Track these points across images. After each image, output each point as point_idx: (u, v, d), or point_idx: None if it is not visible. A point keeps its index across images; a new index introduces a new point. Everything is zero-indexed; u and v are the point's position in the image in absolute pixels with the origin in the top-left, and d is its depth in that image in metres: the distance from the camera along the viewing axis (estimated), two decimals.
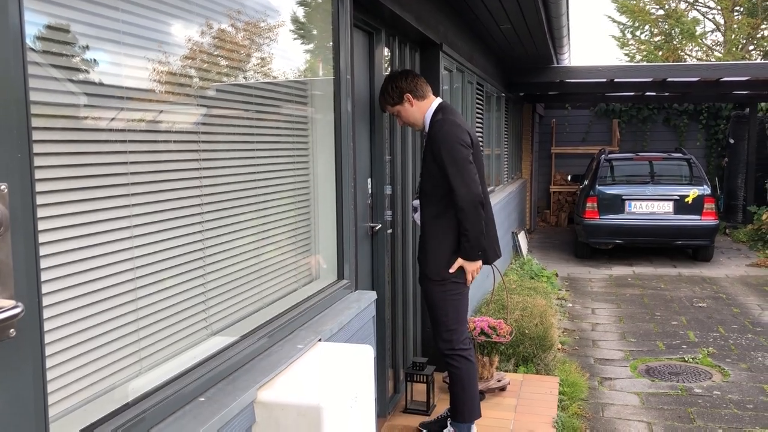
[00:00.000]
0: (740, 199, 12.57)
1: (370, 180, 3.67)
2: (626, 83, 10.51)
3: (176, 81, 1.78)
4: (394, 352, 4.11)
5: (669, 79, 10.11)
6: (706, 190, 9.20)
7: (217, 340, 1.95)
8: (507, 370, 4.75)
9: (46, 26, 1.34)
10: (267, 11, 2.31)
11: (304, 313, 2.42)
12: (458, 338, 3.41)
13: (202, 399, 1.73)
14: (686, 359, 5.45)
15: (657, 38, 19.92)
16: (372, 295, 2.97)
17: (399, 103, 3.44)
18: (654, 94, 11.92)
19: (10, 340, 1.11)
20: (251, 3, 2.18)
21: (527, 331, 4.94)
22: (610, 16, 26.18)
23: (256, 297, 2.23)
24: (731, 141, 12.87)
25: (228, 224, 2.03)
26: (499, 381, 4.36)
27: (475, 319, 4.42)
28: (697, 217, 9.10)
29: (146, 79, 1.65)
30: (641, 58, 20.06)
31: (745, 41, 18.71)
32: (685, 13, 19.40)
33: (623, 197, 9.33)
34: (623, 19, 20.19)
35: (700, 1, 19.62)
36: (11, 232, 1.11)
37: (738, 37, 18.51)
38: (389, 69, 3.95)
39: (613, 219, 9.29)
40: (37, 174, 1.25)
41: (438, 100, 3.48)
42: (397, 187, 4.05)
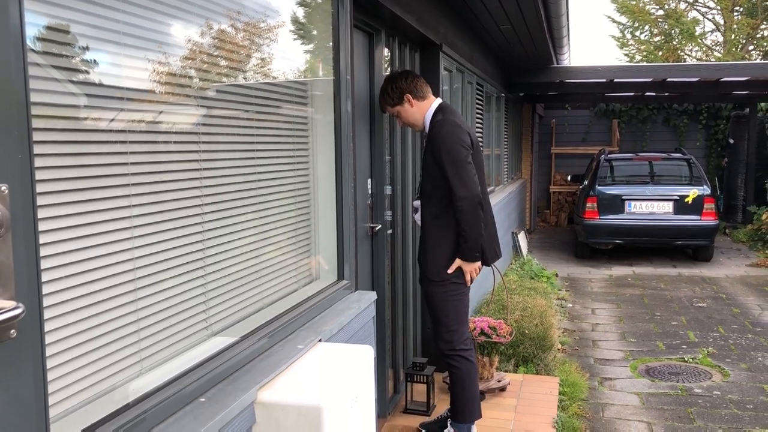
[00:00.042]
0: (740, 199, 12.58)
1: (370, 180, 3.67)
2: (626, 83, 10.51)
3: (176, 81, 1.78)
4: (394, 353, 4.11)
5: (669, 80, 10.11)
6: (705, 190, 9.21)
7: (217, 341, 1.95)
8: (507, 371, 4.75)
9: (47, 27, 1.34)
10: (267, 12, 2.31)
11: (305, 314, 2.42)
12: (459, 339, 3.41)
13: (203, 399, 1.74)
14: (686, 359, 5.45)
15: (657, 38, 19.93)
16: (372, 296, 2.97)
17: (399, 103, 3.44)
18: (654, 94, 11.92)
19: (10, 341, 1.11)
20: (251, 3, 2.18)
21: (527, 332, 4.94)
22: (609, 17, 26.24)
23: (257, 297, 2.23)
24: (731, 141, 12.87)
25: (228, 224, 2.03)
26: (499, 381, 4.36)
27: (475, 319, 4.42)
28: (697, 217, 9.10)
29: (146, 79, 1.66)
30: (641, 58, 20.07)
31: (744, 41, 18.72)
32: (685, 13, 19.41)
33: (623, 197, 9.34)
34: (623, 20, 20.21)
35: (700, 1, 19.64)
36: (12, 232, 1.11)
37: (738, 37, 18.52)
38: (389, 69, 3.95)
39: (613, 219, 9.30)
40: (38, 175, 1.26)
41: (438, 101, 3.48)
42: (397, 187, 4.05)
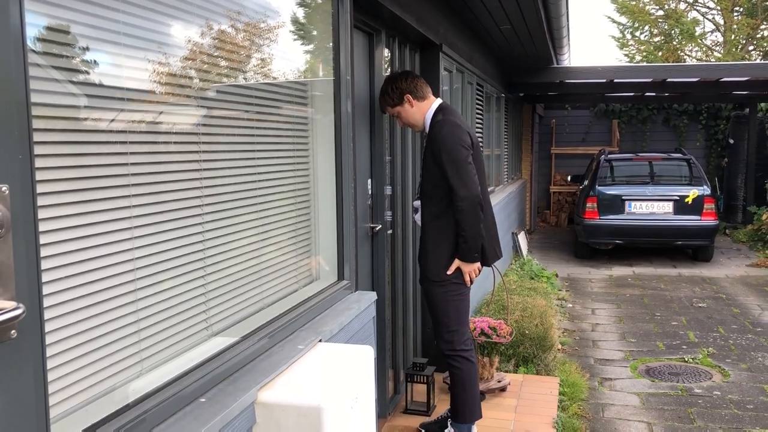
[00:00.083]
0: (740, 200, 12.57)
1: (370, 181, 3.67)
2: (626, 84, 10.51)
3: (176, 82, 1.78)
4: (395, 353, 4.11)
5: (669, 80, 10.10)
6: (705, 191, 9.21)
7: (217, 341, 1.95)
8: (507, 371, 4.75)
9: (47, 27, 1.34)
10: (267, 12, 2.31)
11: (305, 314, 2.42)
12: (459, 339, 3.41)
13: (203, 400, 1.74)
14: (686, 359, 5.45)
15: (657, 39, 19.93)
16: (372, 296, 2.97)
17: (399, 104, 3.44)
18: (654, 94, 11.92)
19: (11, 342, 1.11)
20: (251, 4, 2.19)
21: (527, 332, 4.94)
22: (609, 17, 26.27)
23: (257, 298, 2.23)
24: (731, 141, 12.87)
25: (228, 225, 2.03)
26: (499, 381, 4.36)
27: (476, 319, 4.42)
28: (697, 218, 9.10)
29: (146, 80, 1.66)
30: (641, 58, 20.07)
31: (744, 41, 18.72)
32: (685, 13, 19.41)
33: (623, 197, 9.34)
34: (623, 20, 20.21)
35: (700, 1, 19.64)
36: (12, 233, 1.11)
37: (738, 37, 18.52)
38: (389, 70, 3.95)
39: (613, 219, 9.30)
40: (38, 175, 1.26)
41: (438, 101, 3.48)
42: (397, 187, 4.05)
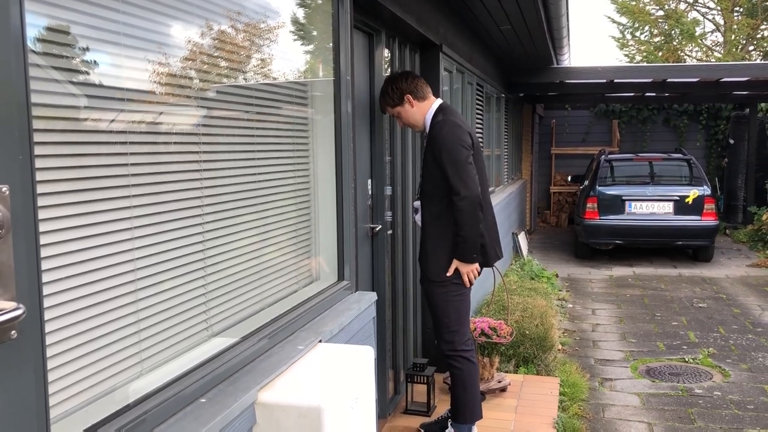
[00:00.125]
0: (740, 200, 12.57)
1: (370, 181, 3.67)
2: (626, 84, 10.51)
3: (176, 82, 1.78)
4: (395, 353, 4.11)
5: (669, 80, 10.11)
6: (706, 191, 9.21)
7: (217, 342, 1.95)
8: (507, 371, 4.75)
9: (47, 28, 1.34)
10: (267, 12, 2.31)
11: (305, 315, 2.42)
12: (460, 339, 3.41)
13: (203, 400, 1.74)
14: (687, 360, 5.45)
15: (657, 39, 19.92)
16: (372, 296, 2.97)
17: (399, 104, 3.44)
18: (654, 94, 11.92)
19: (11, 342, 1.11)
20: (251, 4, 2.19)
21: (528, 332, 4.93)
22: (609, 17, 26.26)
23: (257, 298, 2.23)
24: (731, 141, 12.86)
25: (228, 225, 2.04)
26: (499, 382, 4.36)
27: (476, 319, 4.42)
28: (698, 218, 9.10)
29: (146, 80, 1.66)
30: (641, 58, 20.07)
31: (744, 42, 18.71)
32: (685, 13, 19.40)
33: (623, 198, 9.34)
34: (623, 20, 20.20)
35: (700, 1, 19.64)
36: (13, 233, 1.12)
37: (738, 37, 18.51)
38: (389, 70, 3.95)
39: (613, 219, 9.29)
40: (39, 175, 1.26)
41: (438, 101, 3.48)
42: (397, 188, 4.05)
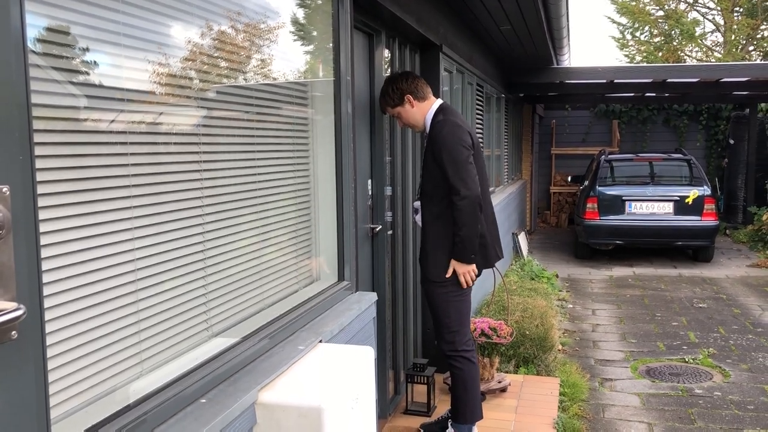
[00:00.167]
0: (740, 200, 12.57)
1: (370, 181, 3.67)
2: (626, 84, 10.51)
3: (176, 83, 1.78)
4: (395, 354, 4.11)
5: (669, 80, 10.10)
6: (706, 191, 9.20)
7: (218, 342, 1.95)
8: (507, 371, 4.75)
9: (47, 28, 1.34)
10: (267, 13, 2.31)
11: (305, 315, 2.42)
12: (461, 339, 3.41)
13: (204, 400, 1.74)
14: (687, 360, 5.44)
15: (657, 39, 19.92)
16: (372, 297, 2.97)
17: (400, 104, 3.44)
18: (654, 94, 11.92)
19: (11, 342, 1.11)
20: (251, 5, 2.19)
21: (528, 332, 4.93)
22: (609, 17, 26.26)
23: (257, 298, 2.23)
24: (731, 141, 12.87)
25: (229, 226, 2.04)
26: (499, 382, 4.36)
27: (476, 320, 4.42)
28: (698, 218, 9.10)
29: (146, 80, 1.66)
30: (641, 59, 20.07)
31: (744, 42, 18.71)
32: (685, 13, 19.40)
33: (623, 198, 9.34)
34: (623, 20, 20.21)
35: (700, 1, 19.64)
36: (13, 234, 1.12)
37: (738, 37, 18.51)
38: (389, 70, 3.95)
39: (613, 220, 9.29)
40: (39, 176, 1.26)
41: (439, 101, 3.48)
42: (397, 188, 4.05)
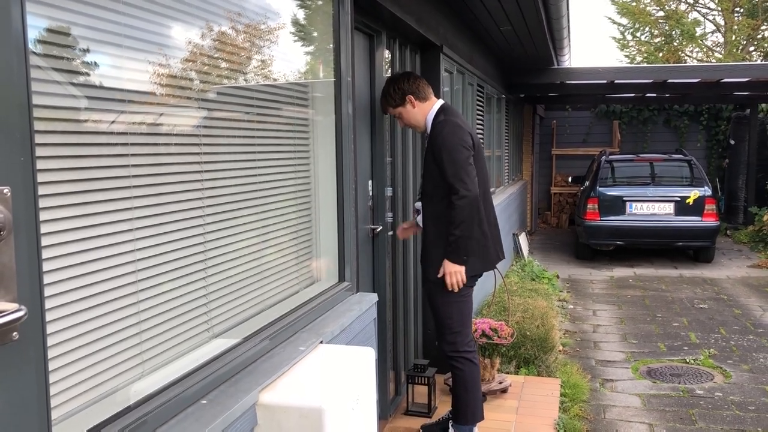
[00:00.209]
0: (741, 200, 12.57)
1: (371, 182, 3.67)
2: (627, 84, 10.51)
3: (177, 84, 1.78)
4: (396, 354, 4.11)
5: (669, 81, 10.10)
6: (706, 191, 9.20)
7: (219, 343, 1.95)
8: (508, 372, 4.75)
9: (48, 30, 1.34)
10: (267, 14, 2.31)
11: (306, 316, 2.42)
12: (462, 340, 3.40)
13: (205, 401, 1.74)
14: (688, 360, 5.44)
15: (657, 39, 19.92)
16: (373, 297, 2.97)
17: (401, 104, 3.44)
18: (654, 95, 11.91)
19: (12, 343, 1.11)
20: (251, 5, 2.19)
21: (528, 333, 4.93)
22: (610, 18, 26.23)
23: (258, 299, 2.23)
24: (732, 142, 12.86)
25: (229, 227, 2.04)
26: (500, 383, 4.36)
27: (477, 320, 4.42)
28: (698, 219, 9.09)
29: (147, 81, 1.66)
30: (642, 59, 20.06)
31: (745, 42, 18.71)
32: (686, 14, 19.40)
33: (624, 198, 9.34)
34: (623, 21, 20.20)
35: (701, 2, 19.63)
36: (14, 234, 1.12)
37: (738, 38, 18.51)
38: (390, 71, 3.96)
39: (614, 220, 9.29)
40: (40, 177, 1.26)
41: (440, 102, 3.48)
42: (398, 189, 4.05)
